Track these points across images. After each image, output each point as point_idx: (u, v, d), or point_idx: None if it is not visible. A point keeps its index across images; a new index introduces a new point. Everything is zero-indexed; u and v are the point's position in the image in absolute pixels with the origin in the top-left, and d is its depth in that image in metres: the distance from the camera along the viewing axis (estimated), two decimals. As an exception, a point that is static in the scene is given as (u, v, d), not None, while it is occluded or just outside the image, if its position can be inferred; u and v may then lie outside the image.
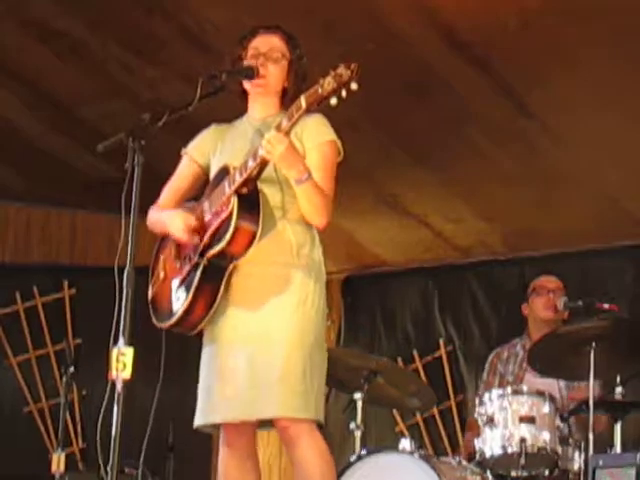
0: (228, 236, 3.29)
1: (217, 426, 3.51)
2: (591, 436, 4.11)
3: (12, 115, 5.38)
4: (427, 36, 4.57)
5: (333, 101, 3.23)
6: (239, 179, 3.32)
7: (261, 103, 3.58)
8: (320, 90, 3.21)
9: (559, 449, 4.17)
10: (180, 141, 3.63)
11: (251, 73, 3.50)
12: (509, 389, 4.40)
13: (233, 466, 3.49)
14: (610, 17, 4.31)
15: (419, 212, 5.86)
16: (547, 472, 4.19)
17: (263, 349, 3.36)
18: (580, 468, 4.14)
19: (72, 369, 4.73)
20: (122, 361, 2.96)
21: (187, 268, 3.41)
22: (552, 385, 4.62)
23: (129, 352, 2.94)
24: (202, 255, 3.34)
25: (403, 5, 4.47)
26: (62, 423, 4.86)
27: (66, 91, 5.28)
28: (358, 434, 4.45)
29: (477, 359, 5.61)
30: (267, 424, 3.56)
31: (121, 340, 2.95)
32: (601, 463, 3.89)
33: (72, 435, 6.00)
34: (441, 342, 6.32)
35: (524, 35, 4.47)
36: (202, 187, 3.71)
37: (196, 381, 3.49)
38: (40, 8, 4.59)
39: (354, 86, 3.22)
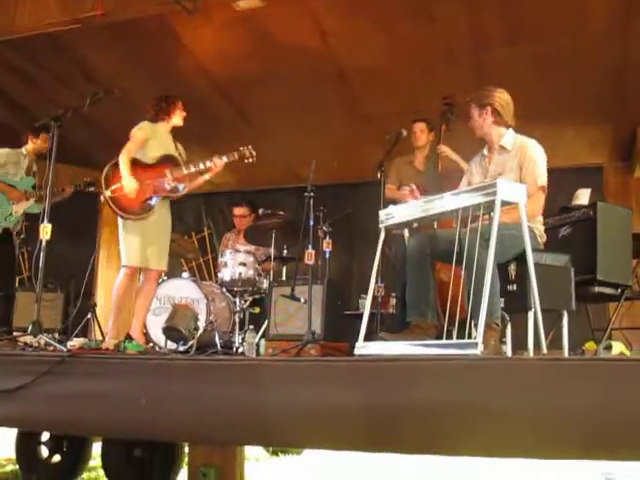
0: (185, 190, 4.15)
1: (136, 269, 4.01)
2: (272, 274, 4.97)
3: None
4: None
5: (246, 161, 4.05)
6: (193, 170, 4.12)
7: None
8: (230, 158, 4.14)
9: (257, 278, 4.95)
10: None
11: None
12: (234, 250, 5.05)
13: (130, 289, 4.08)
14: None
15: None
16: (250, 289, 4.90)
17: (168, 229, 4.18)
18: (265, 288, 4.89)
19: (23, 235, 5.07)
20: (45, 230, 3.43)
21: (156, 191, 3.99)
22: (251, 247, 5.32)
23: (49, 226, 3.44)
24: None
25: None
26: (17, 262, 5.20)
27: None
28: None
29: (221, 238, 6.16)
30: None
31: (45, 219, 3.45)
32: (275, 285, 4.62)
33: (23, 268, 6.06)
34: (205, 228, 7.50)
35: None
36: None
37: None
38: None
39: (249, 161, 4.11)
